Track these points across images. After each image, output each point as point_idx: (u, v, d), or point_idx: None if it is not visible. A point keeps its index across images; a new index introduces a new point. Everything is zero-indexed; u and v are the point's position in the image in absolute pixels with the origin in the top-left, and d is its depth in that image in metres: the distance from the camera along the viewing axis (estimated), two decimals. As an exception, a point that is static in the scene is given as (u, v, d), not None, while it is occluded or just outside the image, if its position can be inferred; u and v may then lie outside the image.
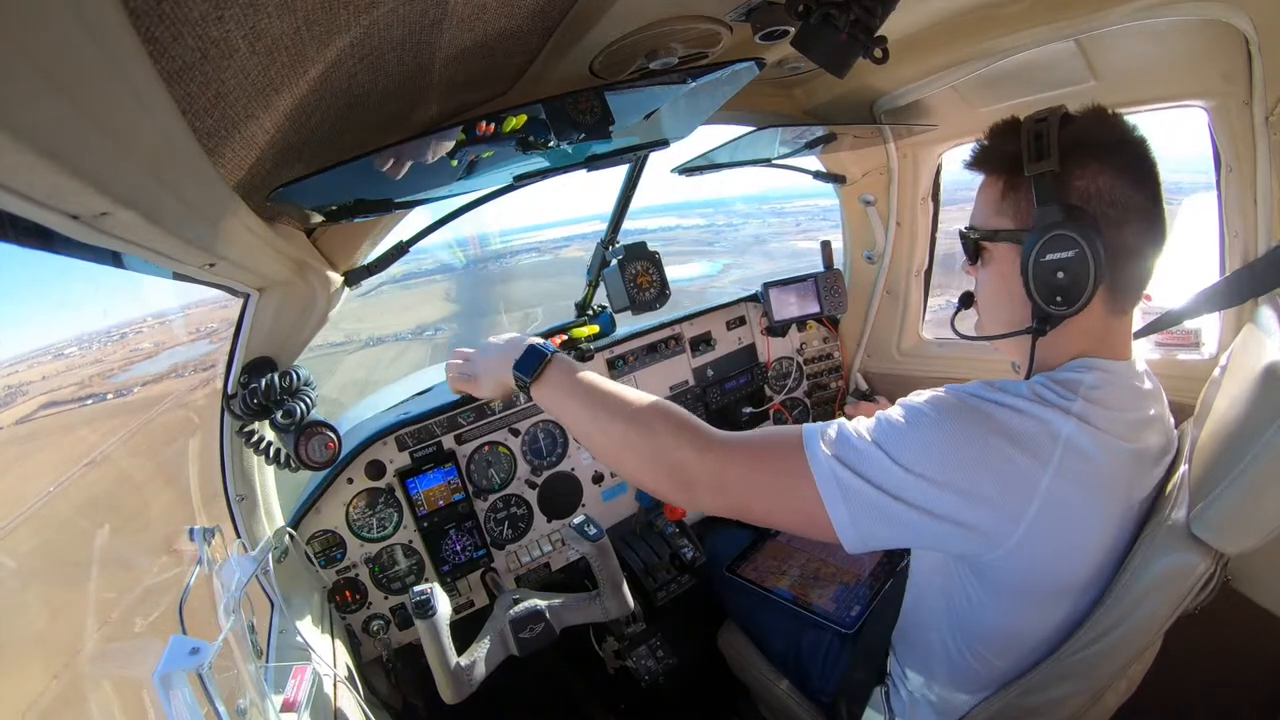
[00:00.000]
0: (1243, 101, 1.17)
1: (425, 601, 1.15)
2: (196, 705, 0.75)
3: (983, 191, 0.97)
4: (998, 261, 0.95)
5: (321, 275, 1.20)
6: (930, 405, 0.84)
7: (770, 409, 2.21)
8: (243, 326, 1.17)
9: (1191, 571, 0.84)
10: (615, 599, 1.33)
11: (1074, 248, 0.82)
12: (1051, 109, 0.89)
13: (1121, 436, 0.86)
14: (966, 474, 0.78)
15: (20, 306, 4.18)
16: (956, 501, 0.78)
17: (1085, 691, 0.91)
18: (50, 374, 1.20)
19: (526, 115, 1.03)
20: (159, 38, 0.49)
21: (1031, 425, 0.80)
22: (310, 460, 1.26)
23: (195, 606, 0.93)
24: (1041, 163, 0.84)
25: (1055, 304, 0.86)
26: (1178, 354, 1.48)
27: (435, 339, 13.08)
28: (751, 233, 16.33)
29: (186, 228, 0.68)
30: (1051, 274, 0.84)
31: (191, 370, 1.45)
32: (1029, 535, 0.79)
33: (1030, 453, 0.78)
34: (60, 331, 2.72)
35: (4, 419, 1.10)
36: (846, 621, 1.54)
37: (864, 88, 1.65)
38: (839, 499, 0.80)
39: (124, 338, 1.38)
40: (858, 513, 0.80)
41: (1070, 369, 0.90)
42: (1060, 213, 0.83)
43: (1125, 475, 0.89)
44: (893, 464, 0.79)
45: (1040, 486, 0.78)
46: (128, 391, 1.49)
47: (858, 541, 0.81)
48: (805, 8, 0.86)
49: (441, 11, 0.73)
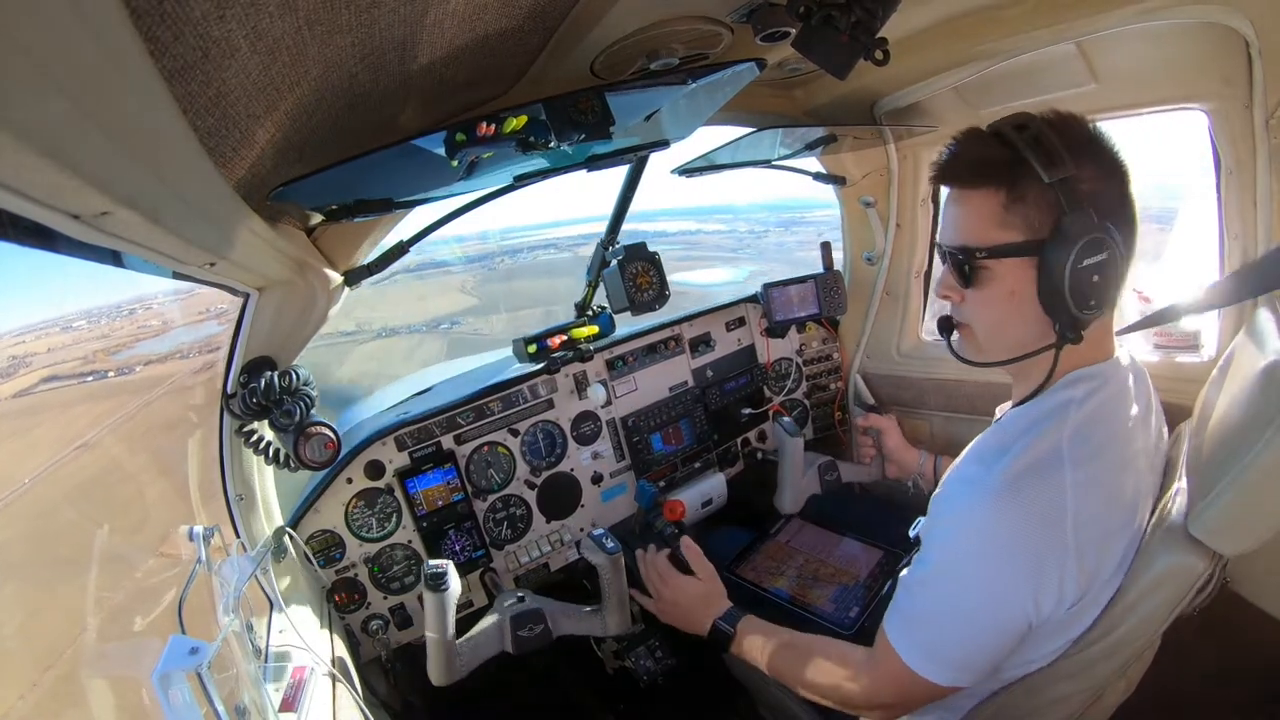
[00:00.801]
0: (1243, 105, 1.17)
1: (440, 574, 1.15)
2: (195, 705, 0.75)
3: (973, 206, 0.90)
4: (1003, 279, 0.90)
5: (321, 275, 1.20)
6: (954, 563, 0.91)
7: (769, 410, 2.21)
8: (243, 326, 1.17)
9: (1190, 573, 0.84)
10: (617, 616, 1.34)
11: (1106, 249, 0.82)
12: (1014, 118, 0.87)
13: (1117, 443, 0.89)
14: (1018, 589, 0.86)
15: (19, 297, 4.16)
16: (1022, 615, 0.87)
17: (1085, 691, 0.91)
18: (56, 346, 1.21)
19: (527, 116, 1.03)
20: (160, 37, 0.49)
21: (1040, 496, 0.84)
22: (309, 460, 1.26)
23: (194, 606, 0.93)
24: (1058, 168, 0.83)
25: (1089, 308, 0.85)
26: (1176, 356, 1.48)
27: (451, 333, 12.33)
28: (775, 240, 16.12)
29: (187, 227, 0.68)
30: (1089, 279, 0.83)
31: (196, 351, 1.44)
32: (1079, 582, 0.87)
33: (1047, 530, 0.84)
34: (69, 305, 2.68)
35: (3, 390, 1.11)
36: (845, 622, 1.54)
37: (864, 89, 1.65)
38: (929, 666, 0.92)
39: (133, 314, 1.38)
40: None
41: (1061, 385, 0.92)
42: (1094, 216, 0.83)
43: (1128, 478, 0.91)
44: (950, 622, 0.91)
45: (1069, 547, 0.84)
46: (129, 370, 1.49)
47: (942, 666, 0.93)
48: (806, 9, 0.86)
49: (442, 11, 0.73)
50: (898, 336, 2.15)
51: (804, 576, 1.73)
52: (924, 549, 0.95)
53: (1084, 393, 0.90)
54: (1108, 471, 0.88)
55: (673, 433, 2.02)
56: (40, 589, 1.11)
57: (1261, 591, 1.02)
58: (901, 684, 0.94)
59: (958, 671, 0.91)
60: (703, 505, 2.01)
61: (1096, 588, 0.88)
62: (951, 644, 0.90)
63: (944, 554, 0.91)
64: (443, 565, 1.17)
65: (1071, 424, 0.88)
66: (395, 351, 11.22)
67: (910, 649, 0.92)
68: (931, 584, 0.92)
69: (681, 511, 1.72)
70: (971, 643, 0.90)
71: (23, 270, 0.76)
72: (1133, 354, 1.01)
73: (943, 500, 0.95)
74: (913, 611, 0.94)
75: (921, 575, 0.93)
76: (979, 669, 0.92)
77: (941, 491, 0.96)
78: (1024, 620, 0.87)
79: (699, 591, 1.35)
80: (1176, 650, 1.01)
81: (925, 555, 0.94)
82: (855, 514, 1.93)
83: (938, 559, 0.92)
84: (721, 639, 1.26)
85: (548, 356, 1.75)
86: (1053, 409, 0.90)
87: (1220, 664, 1.22)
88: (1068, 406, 0.89)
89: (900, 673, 0.93)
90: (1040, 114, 0.88)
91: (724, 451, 2.13)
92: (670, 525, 1.57)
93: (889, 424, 1.84)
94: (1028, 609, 0.86)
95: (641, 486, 1.80)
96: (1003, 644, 0.90)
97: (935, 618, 0.91)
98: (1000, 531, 0.85)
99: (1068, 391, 0.91)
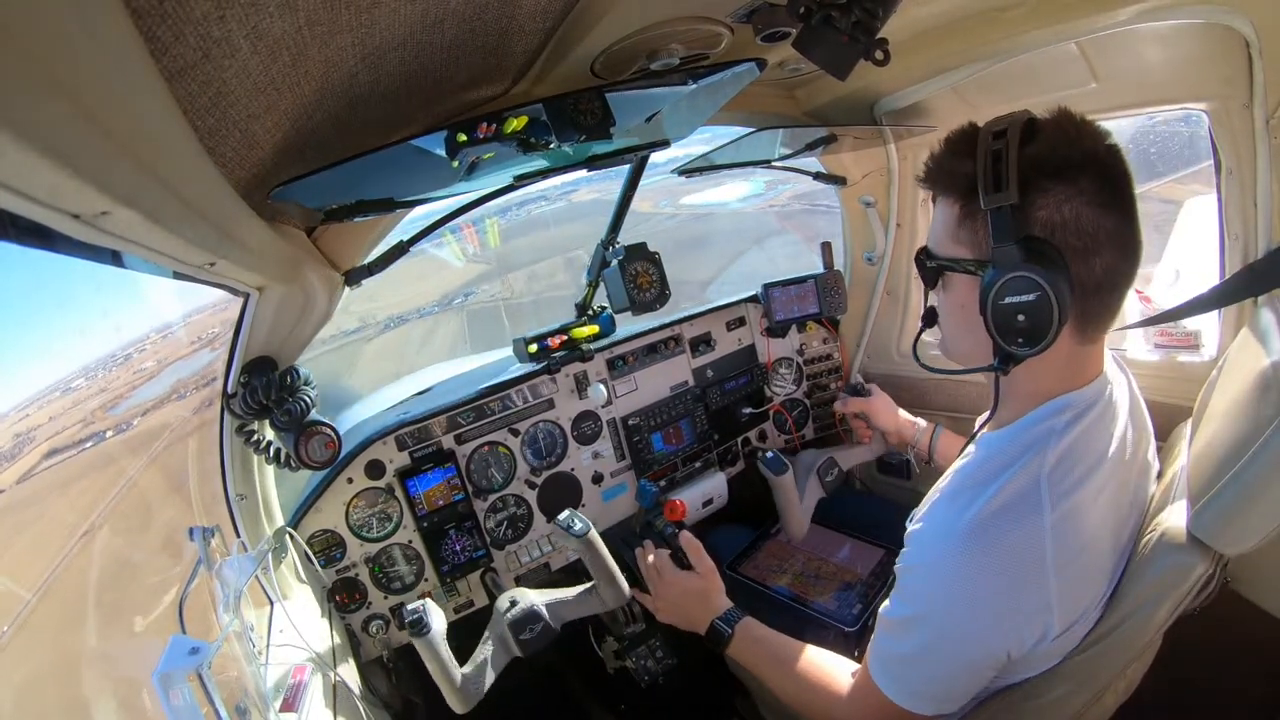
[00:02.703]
0: (1243, 104, 1.17)
1: (419, 620, 1.12)
2: (196, 705, 0.75)
3: (939, 212, 0.90)
4: (957, 290, 0.90)
5: (322, 275, 1.20)
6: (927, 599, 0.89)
7: (770, 410, 2.21)
8: (243, 326, 1.17)
9: (1190, 573, 0.84)
10: (611, 589, 1.32)
11: (1035, 290, 0.76)
12: (1013, 117, 0.81)
13: (1102, 465, 0.87)
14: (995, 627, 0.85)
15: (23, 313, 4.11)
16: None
17: (1085, 692, 0.91)
18: (57, 413, 1.19)
19: (527, 116, 1.03)
20: (161, 37, 0.49)
21: (1017, 538, 0.82)
22: (310, 460, 1.26)
23: (195, 606, 0.93)
24: (999, 194, 0.77)
25: (1018, 345, 0.81)
26: (1177, 356, 1.48)
27: (468, 305, 11.23)
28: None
29: (187, 227, 0.68)
30: (1012, 316, 0.78)
31: (193, 389, 1.41)
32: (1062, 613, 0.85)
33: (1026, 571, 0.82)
34: (68, 362, 2.66)
35: (6, 479, 1.08)
36: (848, 619, 1.54)
37: (865, 89, 1.65)
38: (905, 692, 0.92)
39: (129, 359, 1.36)
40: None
41: (1042, 414, 0.89)
42: (1019, 253, 0.77)
43: (1118, 496, 0.91)
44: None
45: (1050, 585, 0.83)
46: (128, 426, 1.46)
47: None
48: (806, 9, 0.86)
49: (442, 11, 0.73)
50: (898, 336, 2.15)
51: (806, 575, 1.73)
52: (900, 586, 0.93)
53: (1066, 422, 0.87)
54: (1091, 497, 0.85)
55: (673, 432, 2.02)
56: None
57: (1262, 591, 1.02)
58: (885, 713, 0.93)
59: (941, 703, 0.91)
60: (703, 505, 2.01)
61: (1082, 615, 0.88)
62: (932, 680, 0.90)
63: (918, 599, 0.90)
64: (419, 608, 1.14)
65: (1054, 455, 0.84)
66: (409, 341, 10.25)
67: (891, 685, 0.92)
68: (908, 626, 0.91)
69: (682, 511, 1.73)
70: (952, 680, 0.90)
71: (27, 333, 0.77)
72: (1115, 356, 0.99)
73: (915, 538, 0.93)
74: (891, 651, 0.94)
75: (898, 617, 0.92)
76: (962, 699, 0.92)
77: (916, 527, 0.94)
78: (1003, 657, 0.86)
79: (698, 588, 1.35)
80: (1176, 650, 1.01)
81: (901, 594, 0.93)
82: (856, 514, 1.93)
83: (912, 602, 0.91)
84: (718, 639, 1.26)
85: (548, 356, 1.75)
86: (1032, 440, 0.87)
87: (1220, 664, 1.22)
88: (1049, 438, 0.86)
89: (883, 703, 0.93)
90: (1039, 118, 0.83)
91: (724, 451, 2.13)
92: (671, 525, 1.57)
93: (871, 404, 1.77)
94: (1008, 648, 0.86)
95: (642, 486, 1.80)
96: (984, 677, 0.90)
97: (913, 657, 0.90)
98: (974, 582, 0.83)
99: (1050, 421, 0.87)
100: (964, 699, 0.93)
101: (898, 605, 0.93)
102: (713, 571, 1.37)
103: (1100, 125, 0.81)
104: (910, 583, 0.92)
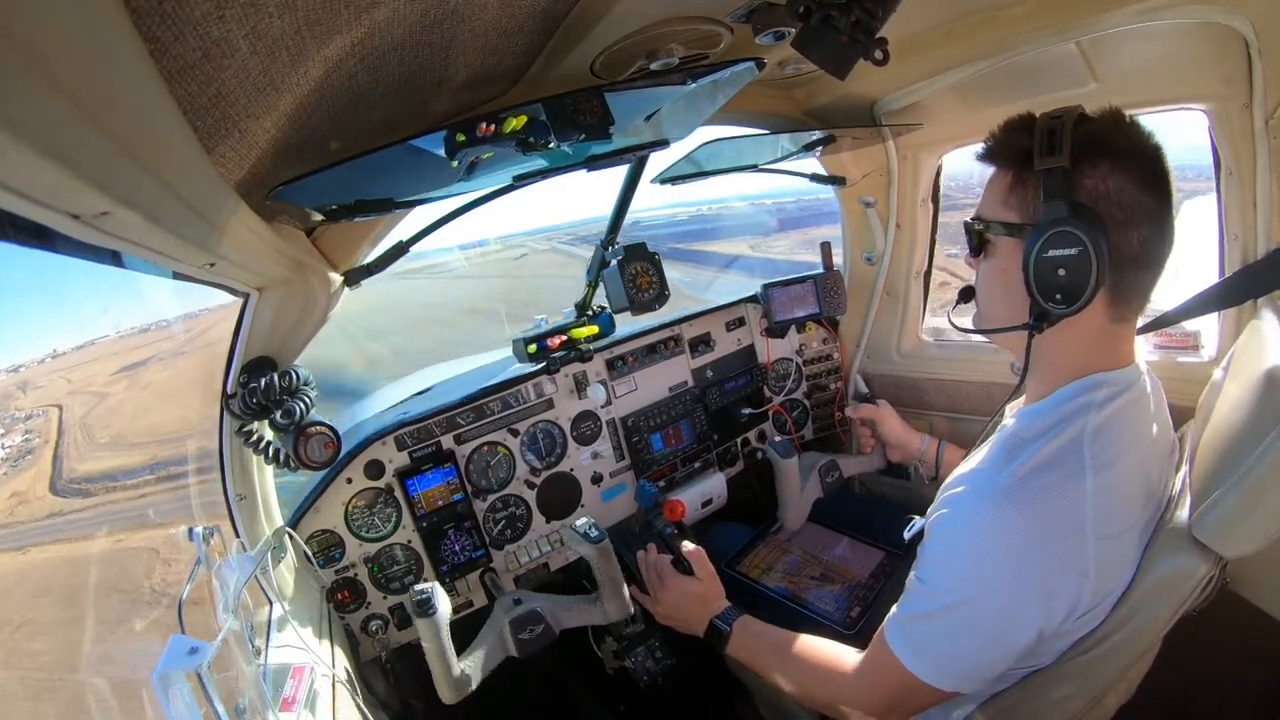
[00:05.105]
0: (1243, 104, 1.17)
1: (426, 600, 1.14)
2: (195, 705, 0.75)
3: (991, 184, 0.97)
4: (1000, 255, 0.95)
5: (321, 275, 1.20)
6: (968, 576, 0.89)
7: (769, 410, 2.21)
8: (242, 326, 1.17)
9: (1192, 575, 0.84)
10: (615, 602, 1.33)
11: (1078, 245, 0.81)
12: (1068, 108, 0.88)
13: (1136, 448, 0.89)
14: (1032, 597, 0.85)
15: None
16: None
17: (1086, 694, 0.91)
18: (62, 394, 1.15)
19: (527, 116, 1.03)
20: (160, 37, 0.49)
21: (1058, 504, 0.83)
22: (309, 460, 1.26)
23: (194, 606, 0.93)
24: (1052, 157, 0.84)
25: (1054, 301, 0.85)
26: (1178, 357, 1.48)
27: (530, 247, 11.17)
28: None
29: (186, 227, 0.68)
30: (1053, 271, 0.83)
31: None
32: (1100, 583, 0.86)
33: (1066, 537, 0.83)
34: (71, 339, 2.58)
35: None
36: (846, 621, 1.53)
37: (864, 89, 1.65)
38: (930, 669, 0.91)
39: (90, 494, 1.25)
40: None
41: (1077, 389, 0.91)
42: (1066, 209, 0.83)
43: (1147, 482, 0.91)
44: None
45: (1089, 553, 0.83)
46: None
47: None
48: (806, 9, 0.86)
49: (442, 11, 0.73)
50: (898, 336, 2.15)
51: (804, 575, 1.73)
52: (928, 549, 0.93)
53: (1103, 397, 0.89)
54: (1126, 477, 0.87)
55: (673, 433, 2.02)
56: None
57: (1261, 592, 1.02)
58: (901, 688, 0.93)
59: (961, 679, 0.90)
60: (703, 505, 2.01)
61: (1107, 596, 0.87)
62: (958, 652, 0.89)
63: (953, 557, 0.89)
64: (428, 590, 1.16)
65: (1093, 425, 0.86)
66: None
67: (912, 655, 0.91)
68: (940, 586, 0.90)
69: (682, 511, 1.72)
70: (979, 652, 0.88)
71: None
72: (1146, 364, 1.00)
73: (952, 501, 0.92)
74: (918, 615, 0.93)
75: (931, 577, 0.92)
76: (984, 675, 0.91)
77: (946, 491, 0.94)
78: (1035, 631, 0.86)
79: (698, 591, 1.35)
80: (1176, 651, 1.01)
81: (934, 557, 0.92)
82: (855, 514, 1.93)
83: (946, 562, 0.90)
84: (718, 638, 1.26)
85: (547, 356, 1.75)
86: (1071, 412, 0.89)
87: (1220, 664, 1.22)
88: (1087, 409, 0.88)
89: (900, 677, 0.92)
90: (1094, 111, 0.88)
91: (724, 451, 2.13)
92: (670, 525, 1.57)
93: (881, 412, 1.82)
94: (1040, 621, 0.85)
95: (641, 486, 1.80)
96: (1011, 653, 0.88)
97: (943, 624, 0.89)
98: (1012, 539, 0.83)
99: (1087, 395, 0.89)
100: (981, 680, 0.91)
101: (929, 568, 0.92)
102: (713, 576, 1.37)
103: (1146, 125, 0.87)
104: (946, 542, 0.91)
